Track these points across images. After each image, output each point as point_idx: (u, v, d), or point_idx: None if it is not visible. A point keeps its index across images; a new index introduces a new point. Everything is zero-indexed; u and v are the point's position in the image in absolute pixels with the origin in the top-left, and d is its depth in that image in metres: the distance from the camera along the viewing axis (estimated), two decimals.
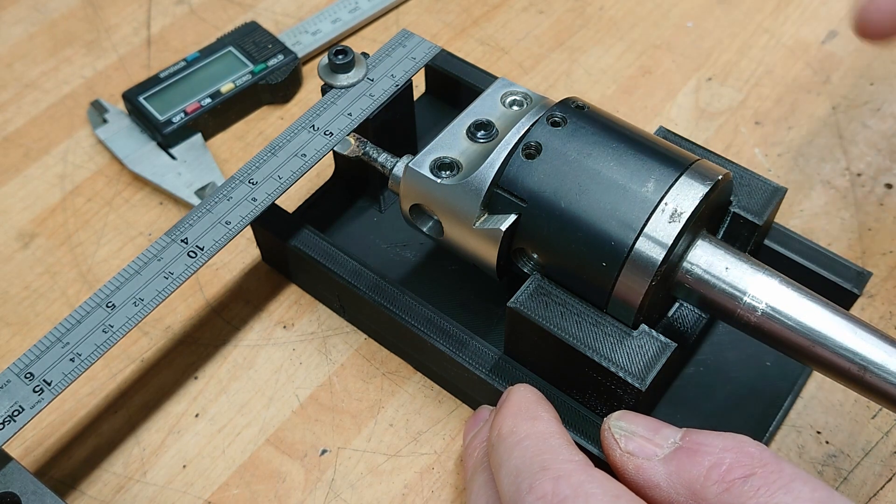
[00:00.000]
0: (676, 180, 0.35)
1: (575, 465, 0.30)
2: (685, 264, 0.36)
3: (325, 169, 0.50)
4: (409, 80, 0.46)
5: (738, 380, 0.42)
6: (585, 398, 0.38)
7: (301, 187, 0.51)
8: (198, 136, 0.53)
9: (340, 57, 0.44)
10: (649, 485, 0.31)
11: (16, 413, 0.35)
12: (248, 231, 0.49)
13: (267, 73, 0.55)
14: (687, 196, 0.34)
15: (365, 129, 0.44)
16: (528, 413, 0.34)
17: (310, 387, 0.44)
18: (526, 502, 0.30)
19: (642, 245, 0.34)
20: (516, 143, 0.37)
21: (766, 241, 0.42)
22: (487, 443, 0.35)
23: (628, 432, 0.32)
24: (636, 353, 0.35)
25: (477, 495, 0.35)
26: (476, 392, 0.41)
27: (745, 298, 0.35)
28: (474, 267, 0.40)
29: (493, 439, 0.34)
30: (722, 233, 0.40)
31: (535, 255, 0.37)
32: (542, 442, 0.32)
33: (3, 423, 0.35)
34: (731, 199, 0.39)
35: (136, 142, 0.53)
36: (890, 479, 0.40)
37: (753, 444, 0.30)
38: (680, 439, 0.31)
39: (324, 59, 0.45)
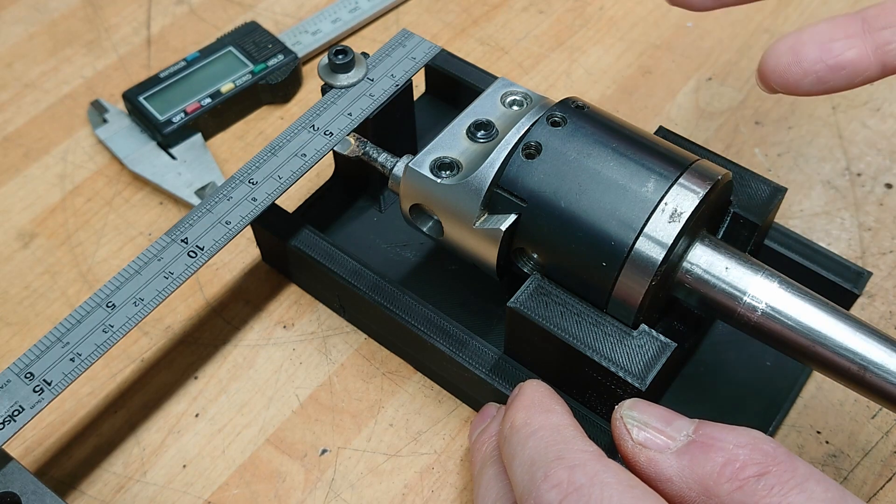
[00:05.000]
0: (676, 180, 0.35)
1: (590, 455, 0.30)
2: (685, 264, 0.36)
3: (325, 169, 0.50)
4: (409, 80, 0.46)
5: (738, 380, 0.42)
6: (586, 398, 0.38)
7: (301, 187, 0.51)
8: (198, 136, 0.53)
9: (340, 57, 0.44)
10: (661, 478, 0.30)
11: (16, 413, 0.35)
12: (248, 231, 0.49)
13: (267, 73, 0.55)
14: (687, 196, 0.34)
15: (365, 129, 0.44)
16: (541, 406, 0.34)
17: (310, 387, 0.44)
18: (541, 491, 0.30)
19: (642, 245, 0.34)
20: (516, 143, 0.37)
21: (766, 241, 0.42)
22: (499, 436, 0.35)
23: (640, 423, 0.32)
24: (636, 352, 0.35)
25: (486, 488, 0.35)
26: (476, 392, 0.41)
27: (745, 298, 0.35)
28: (474, 267, 0.40)
29: (505, 431, 0.34)
30: (722, 233, 0.40)
31: (535, 255, 0.37)
32: (557, 433, 0.32)
33: (3, 422, 0.35)
34: (731, 199, 0.39)
35: (136, 142, 0.53)
36: (890, 479, 0.40)
37: (767, 440, 0.30)
38: (693, 432, 0.31)
39: (324, 58, 0.45)
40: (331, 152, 0.43)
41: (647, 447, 0.31)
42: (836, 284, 0.40)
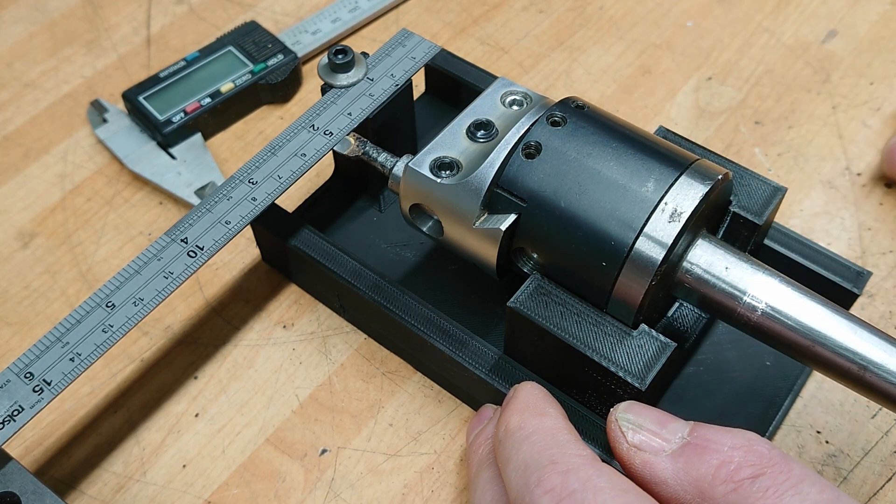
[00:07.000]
0: (676, 180, 0.35)
1: (583, 460, 0.30)
2: (685, 264, 0.36)
3: (325, 169, 0.50)
4: (409, 79, 0.46)
5: (738, 380, 0.42)
6: (585, 398, 0.38)
7: (301, 187, 0.51)
8: (198, 136, 0.53)
9: (340, 56, 0.44)
10: (656, 480, 0.31)
11: (16, 413, 0.35)
12: (248, 231, 0.49)
13: (267, 73, 0.55)
14: (687, 196, 0.34)
15: (365, 129, 0.44)
16: (535, 409, 0.34)
17: (310, 386, 0.44)
18: (535, 496, 0.30)
19: (642, 245, 0.34)
20: (516, 143, 0.37)
21: (766, 241, 0.42)
22: (494, 439, 0.35)
23: (635, 425, 0.32)
24: (636, 352, 0.35)
25: (482, 491, 0.35)
26: (476, 392, 0.41)
27: (745, 298, 0.35)
28: (474, 267, 0.40)
29: (500, 435, 0.34)
30: (722, 233, 0.39)
31: (535, 255, 0.37)
32: (551, 437, 0.32)
33: (3, 422, 0.35)
34: (731, 198, 0.39)
35: (135, 141, 0.53)
36: (890, 479, 0.40)
37: (762, 441, 0.30)
38: (688, 434, 0.31)
39: (324, 58, 0.45)
40: (331, 152, 0.43)
41: (641, 450, 0.31)
42: (836, 284, 0.40)
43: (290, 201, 0.50)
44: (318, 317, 0.46)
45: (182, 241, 0.40)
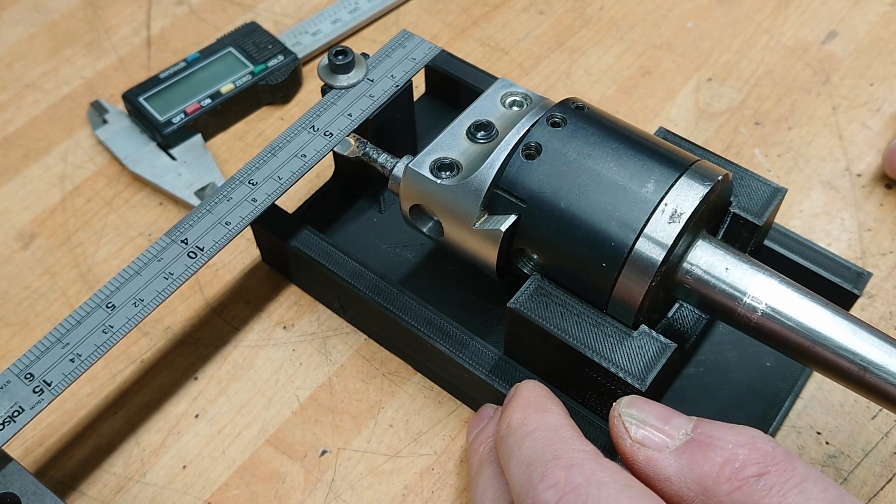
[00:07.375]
0: (676, 181, 0.35)
1: (587, 455, 0.30)
2: (685, 265, 0.36)
3: (325, 169, 0.50)
4: (409, 80, 0.46)
5: (738, 380, 0.42)
6: (585, 399, 0.38)
7: (301, 188, 0.51)
8: (198, 137, 0.53)
9: (340, 57, 0.44)
10: (659, 477, 0.30)
11: (16, 413, 0.35)
12: (248, 231, 0.49)
13: (267, 74, 0.55)
14: (687, 196, 0.34)
15: (365, 130, 0.44)
16: (537, 406, 0.34)
17: (310, 387, 0.44)
18: (538, 490, 0.30)
19: (642, 245, 0.34)
20: (516, 144, 0.37)
21: (766, 242, 0.42)
22: (496, 436, 0.35)
23: (639, 420, 0.32)
24: (636, 353, 0.35)
25: (484, 489, 0.35)
26: (476, 392, 0.41)
27: (745, 299, 0.35)
28: (474, 267, 0.40)
29: (502, 432, 0.34)
30: (722, 233, 0.39)
31: (535, 256, 0.37)
32: (553, 433, 0.32)
33: (3, 423, 0.35)
34: (731, 199, 0.39)
35: (135, 142, 0.53)
36: (890, 480, 0.40)
37: (766, 439, 0.30)
38: (692, 430, 0.31)
39: (324, 59, 0.45)
40: (331, 153, 0.43)
41: (645, 445, 0.31)
42: (836, 285, 0.40)
43: (290, 202, 0.50)
44: (318, 318, 0.46)
45: (182, 241, 0.40)
